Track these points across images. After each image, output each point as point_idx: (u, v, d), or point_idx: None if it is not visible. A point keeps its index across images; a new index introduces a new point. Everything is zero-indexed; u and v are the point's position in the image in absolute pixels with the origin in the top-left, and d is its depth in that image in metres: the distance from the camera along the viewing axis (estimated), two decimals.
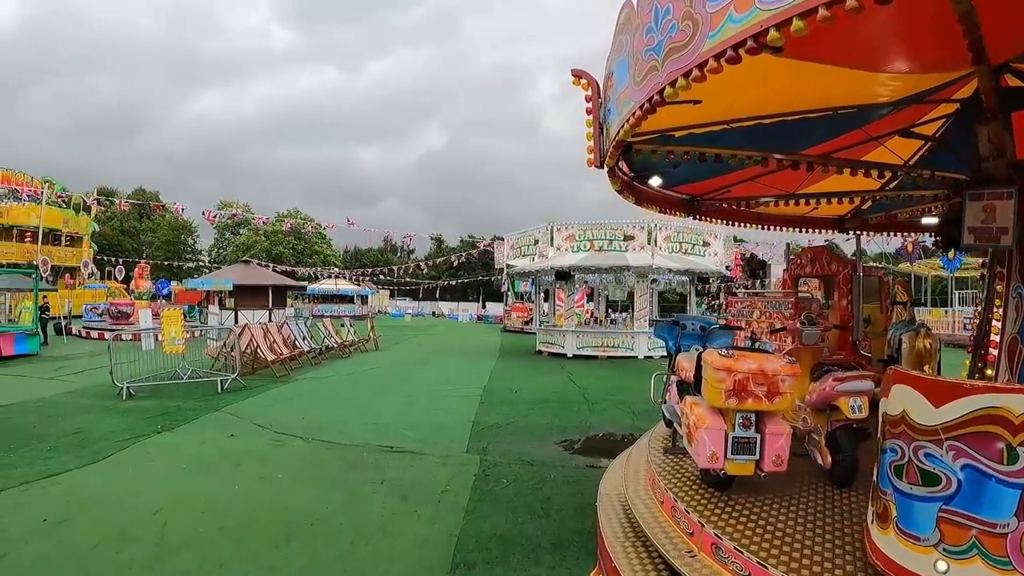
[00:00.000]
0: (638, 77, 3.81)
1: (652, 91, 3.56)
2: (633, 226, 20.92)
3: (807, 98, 5.09)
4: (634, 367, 18.75)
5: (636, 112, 3.87)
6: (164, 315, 13.03)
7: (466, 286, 71.67)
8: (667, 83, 3.34)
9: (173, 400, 12.08)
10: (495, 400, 12.44)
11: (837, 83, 4.68)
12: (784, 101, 5.14)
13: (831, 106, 5.26)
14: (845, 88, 4.85)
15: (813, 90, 4.86)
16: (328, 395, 12.89)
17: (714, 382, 4.46)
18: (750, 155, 6.06)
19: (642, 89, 3.73)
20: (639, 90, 3.80)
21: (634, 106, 3.91)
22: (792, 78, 4.43)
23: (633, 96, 3.95)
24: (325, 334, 20.74)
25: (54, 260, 40.54)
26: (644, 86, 3.69)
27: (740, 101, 4.98)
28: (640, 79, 3.76)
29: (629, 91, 4.06)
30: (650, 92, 3.59)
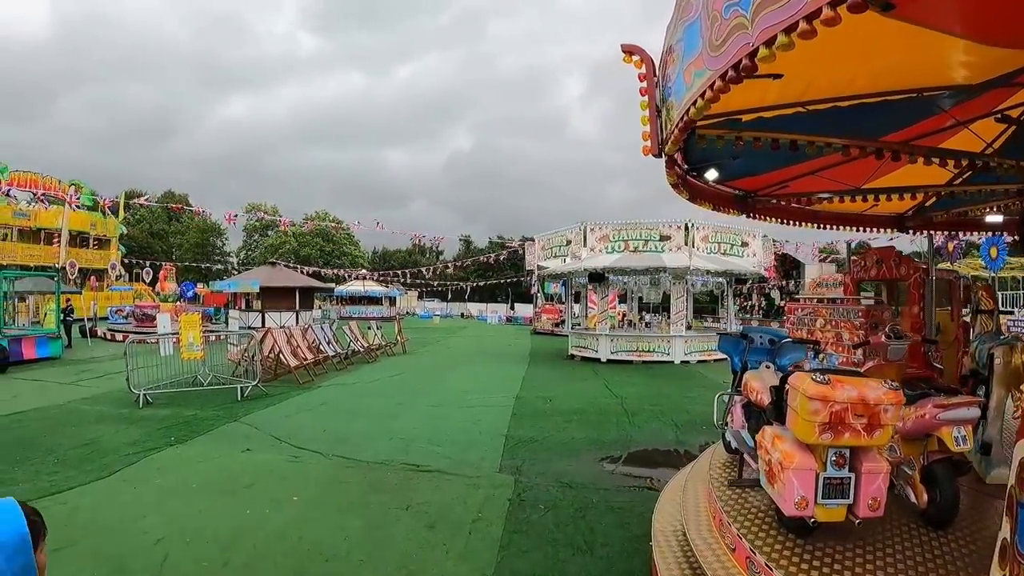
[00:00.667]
0: (716, 40, 3.07)
1: (738, 56, 2.83)
2: (670, 225, 20.08)
3: (898, 76, 4.37)
4: (671, 373, 17.94)
5: (715, 83, 3.15)
6: (182, 320, 12.48)
7: (494, 287, 71.05)
8: (761, 42, 2.60)
9: (190, 408, 11.55)
10: (528, 411, 11.72)
11: (938, 57, 3.97)
12: (871, 79, 4.43)
13: (920, 86, 4.54)
14: (944, 63, 4.14)
15: (910, 65, 4.14)
16: (352, 404, 12.24)
17: (807, 414, 3.71)
18: (829, 142, 5.34)
19: (722, 55, 3.01)
20: (717, 56, 3.08)
21: (711, 77, 3.19)
22: (892, 49, 3.76)
23: (709, 65, 3.23)
24: (351, 337, 20.17)
25: (81, 263, 40.61)
26: (725, 51, 2.96)
27: (822, 79, 4.30)
28: (719, 42, 3.04)
29: (702, 59, 3.34)
30: (735, 57, 2.87)
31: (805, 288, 45.13)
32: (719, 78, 3.07)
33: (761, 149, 5.31)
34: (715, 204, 7.32)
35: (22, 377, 15.89)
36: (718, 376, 16.98)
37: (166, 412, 11.28)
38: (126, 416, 10.99)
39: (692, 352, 20.71)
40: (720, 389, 14.76)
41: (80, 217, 42.11)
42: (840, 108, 4.68)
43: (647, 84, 4.98)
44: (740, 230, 21.72)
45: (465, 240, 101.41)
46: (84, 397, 12.96)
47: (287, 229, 79.77)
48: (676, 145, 4.41)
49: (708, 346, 21.23)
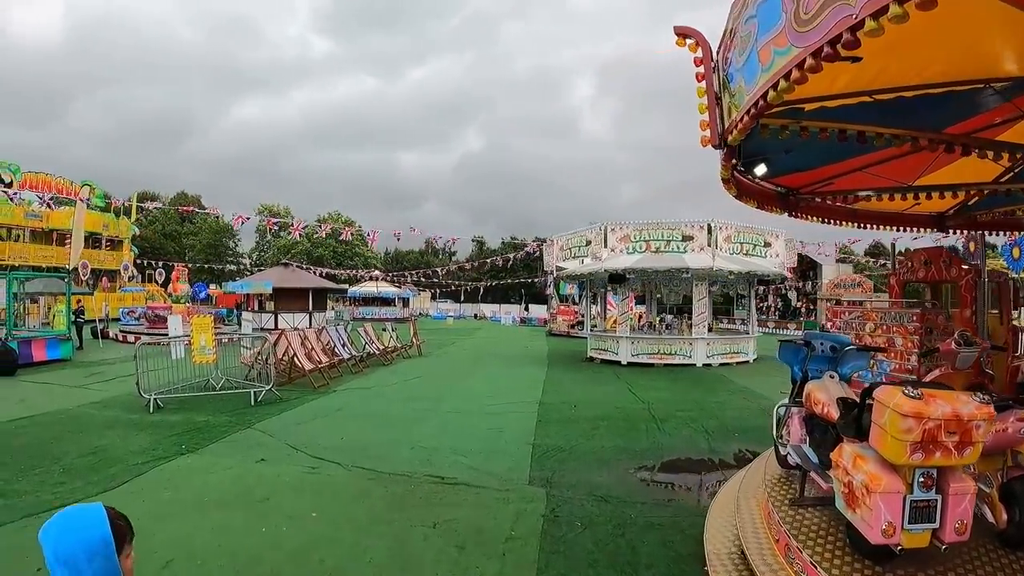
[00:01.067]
0: (805, 14, 2.67)
1: (836, 30, 2.44)
2: (692, 225, 19.55)
3: (970, 63, 4.01)
4: (695, 376, 17.43)
5: (804, 61, 2.72)
6: (194, 322, 12.09)
7: (508, 288, 70.70)
8: (869, 13, 2.19)
9: (202, 414, 11.15)
10: (553, 417, 11.24)
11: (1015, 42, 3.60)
12: (944, 66, 4.04)
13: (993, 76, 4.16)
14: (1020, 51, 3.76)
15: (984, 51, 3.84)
16: (370, 410, 11.80)
17: (898, 432, 3.29)
18: (898, 133, 4.91)
19: (814, 30, 2.61)
20: (806, 32, 2.67)
21: (798, 55, 2.77)
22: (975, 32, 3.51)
23: (795, 41, 2.81)
24: (366, 340, 19.76)
25: (94, 264, 40.51)
26: (819, 25, 2.56)
27: (896, 66, 3.98)
28: (809, 16, 2.64)
29: (785, 36, 2.92)
30: (831, 32, 2.47)
31: (823, 289, 44.67)
32: (810, 56, 2.66)
33: (826, 140, 4.92)
34: (760, 202, 6.91)
35: (31, 380, 15.58)
36: (743, 380, 16.53)
37: (177, 418, 10.90)
38: (136, 422, 10.61)
39: (714, 355, 20.20)
40: (746, 394, 14.46)
41: (92, 218, 41.99)
42: (904, 98, 4.32)
43: (704, 69, 4.56)
44: (763, 230, 21.17)
45: (478, 241, 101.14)
46: (93, 401, 12.61)
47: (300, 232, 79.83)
48: (743, 134, 3.98)
49: (731, 348, 20.75)
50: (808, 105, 4.43)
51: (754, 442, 9.51)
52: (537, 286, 66.73)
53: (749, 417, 11.50)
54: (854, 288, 41.06)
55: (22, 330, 21.20)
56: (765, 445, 9.12)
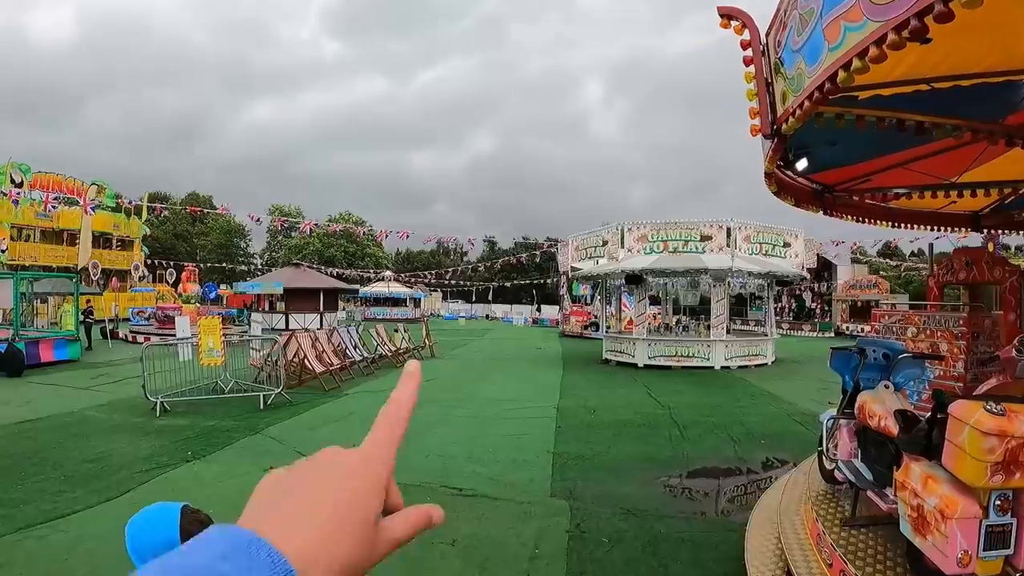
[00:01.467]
0: None
1: None
2: (711, 225, 19.12)
3: None
4: (714, 380, 17.01)
5: (887, 37, 2.35)
6: (201, 324, 11.76)
7: (519, 288, 70.35)
8: None
9: (210, 418, 10.84)
10: (573, 422, 10.85)
11: None
12: (1006, 54, 3.68)
13: None
14: None
15: None
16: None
17: (979, 452, 2.90)
18: (958, 124, 4.54)
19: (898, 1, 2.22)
20: (891, 3, 2.29)
21: (877, 31, 2.39)
22: None
23: (871, 14, 2.44)
24: (378, 341, 19.42)
25: (104, 264, 40.42)
26: None
27: (961, 50, 3.59)
28: None
29: (859, 9, 2.54)
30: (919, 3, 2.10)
31: (838, 290, 44.03)
32: (892, 31, 2.28)
33: (878, 132, 4.56)
34: (797, 199, 6.57)
35: (37, 381, 15.36)
36: (764, 383, 16.11)
37: (184, 422, 10.60)
38: (141, 426, 10.31)
39: (733, 357, 19.76)
40: (769, 398, 14.06)
41: (103, 218, 41.95)
42: (960, 87, 3.97)
43: (752, 53, 4.18)
44: (782, 230, 20.71)
45: (489, 241, 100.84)
46: (99, 404, 12.32)
47: (310, 230, 79.77)
48: (801, 121, 3.59)
49: (749, 351, 20.30)
50: (863, 93, 4.06)
51: (783, 450, 9.13)
52: (549, 287, 66.35)
53: (775, 423, 11.09)
54: (870, 289, 40.49)
55: (31, 331, 21.04)
56: (795, 453, 8.77)
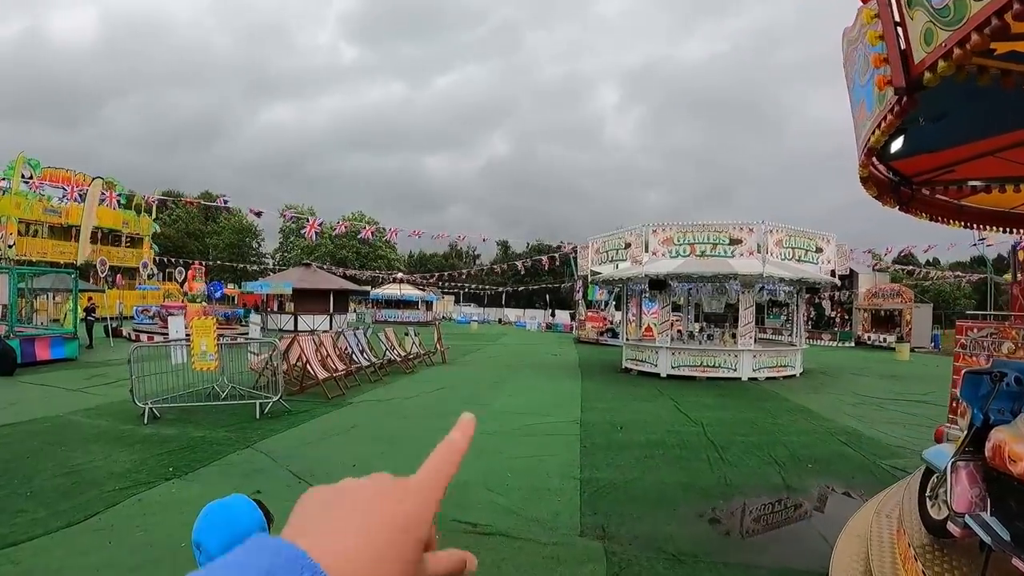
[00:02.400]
0: None
1: None
2: (741, 228, 18.05)
3: None
4: (744, 392, 15.94)
5: None
6: (194, 325, 10.80)
7: (532, 293, 69.42)
8: None
9: (200, 428, 9.92)
10: (599, 441, 9.79)
11: None
12: None
13: None
14: None
15: None
16: (388, 428, 10.43)
17: None
18: None
19: None
20: None
21: None
22: None
23: None
24: (387, 345, 18.45)
25: (113, 261, 39.85)
26: None
27: None
28: None
29: None
30: None
31: (860, 298, 42.73)
32: None
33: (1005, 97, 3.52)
34: (879, 191, 5.55)
35: (28, 381, 14.58)
36: (796, 397, 15.12)
37: (172, 431, 9.69)
38: (126, 435, 9.41)
39: (761, 368, 18.68)
40: (805, 414, 13.00)
41: (112, 215, 41.36)
42: None
43: None
44: (815, 234, 19.59)
45: (503, 244, 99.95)
46: (87, 408, 11.51)
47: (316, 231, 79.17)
48: (957, 66, 2.56)
49: (779, 361, 19.22)
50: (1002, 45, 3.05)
51: (834, 476, 8.12)
52: (562, 291, 65.39)
53: (818, 444, 10.05)
54: (894, 298, 39.28)
55: (30, 328, 20.33)
56: (849, 481, 7.80)
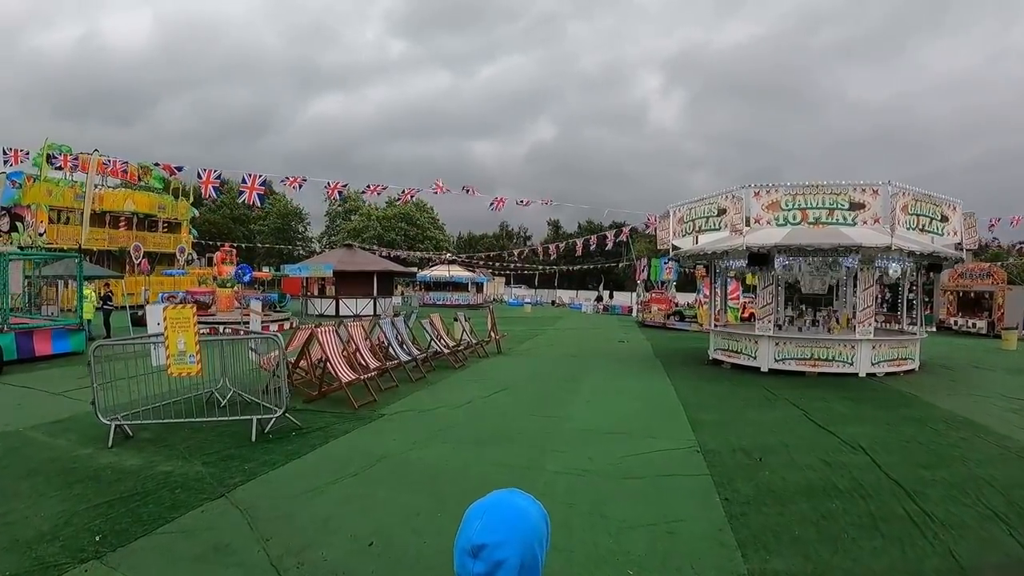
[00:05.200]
0: None
1: None
2: (864, 189, 14.54)
3: None
4: (871, 394, 12.75)
5: None
6: (167, 316, 7.91)
7: (584, 273, 66.22)
8: None
9: (173, 456, 7.25)
10: (742, 487, 6.66)
11: None
12: None
13: None
14: None
15: None
16: (429, 459, 7.47)
17: None
18: None
19: None
20: None
21: None
22: None
23: None
24: (432, 335, 15.56)
25: (148, 247, 38.19)
26: None
27: None
28: None
29: None
30: None
31: (943, 278, 38.51)
32: None
33: None
34: None
35: (12, 382, 12.34)
36: (938, 400, 12.02)
37: (134, 462, 7.07)
38: (77, 465, 6.97)
39: (879, 361, 15.33)
40: (967, 426, 9.19)
41: (147, 199, 39.76)
42: None
43: None
44: (940, 199, 16.01)
45: (554, 224, 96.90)
46: (56, 420, 9.10)
47: (369, 211, 77.88)
48: None
49: (899, 354, 15.82)
50: None
51: None
52: (617, 271, 62.20)
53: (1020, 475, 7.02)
54: (984, 279, 35.18)
55: (38, 318, 18.13)
56: None
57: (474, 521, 1.54)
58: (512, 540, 1.49)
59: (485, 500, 1.60)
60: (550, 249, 40.63)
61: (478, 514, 1.56)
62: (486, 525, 1.52)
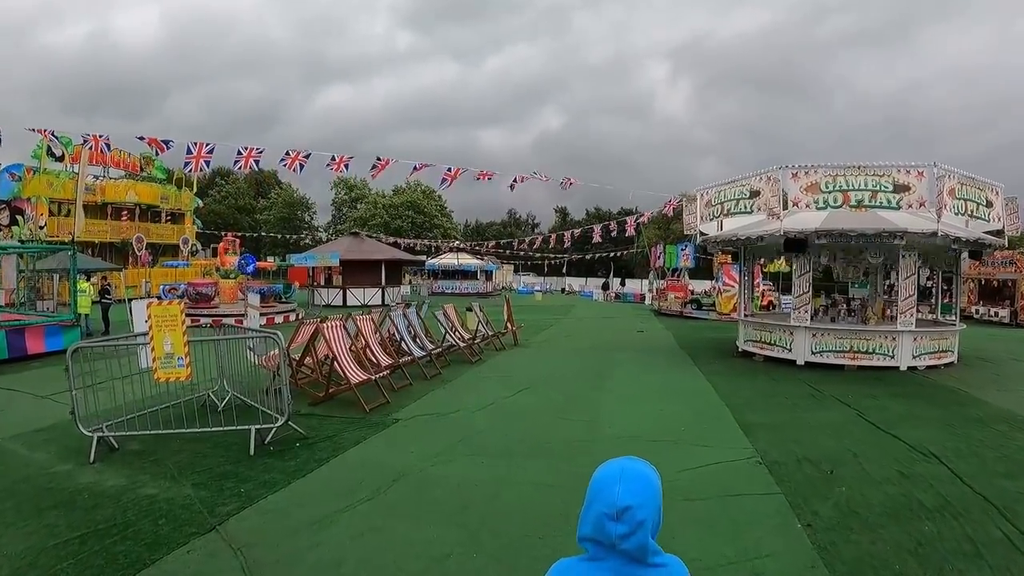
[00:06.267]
0: None
1: None
2: (909, 171, 13.46)
3: None
4: (915, 388, 11.88)
5: None
6: (152, 314, 6.93)
7: (593, 261, 65.27)
8: None
9: (161, 474, 6.38)
10: (821, 508, 5.70)
11: None
12: None
13: None
14: None
15: None
16: (454, 476, 6.50)
17: None
18: None
19: None
20: None
21: None
22: None
23: None
24: (447, 327, 14.64)
25: (151, 238, 37.46)
26: None
27: None
28: None
29: None
30: None
31: (965, 266, 37.35)
32: None
33: None
34: None
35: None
36: (988, 397, 11.09)
37: (117, 481, 6.19)
38: (53, 486, 6.12)
39: (921, 354, 14.35)
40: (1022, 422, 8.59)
41: (150, 190, 38.98)
42: None
43: None
44: (985, 183, 14.88)
45: (561, 211, 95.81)
46: (39, 427, 8.29)
47: (375, 199, 77.47)
48: None
49: (940, 346, 14.84)
50: None
51: None
52: (625, 258, 61.33)
53: None
54: (1007, 267, 34.08)
55: (32, 314, 17.32)
56: None
57: (613, 486, 1.60)
58: (648, 502, 1.60)
59: (613, 467, 1.67)
60: (564, 236, 39.60)
61: (614, 479, 1.62)
62: (627, 489, 1.59)
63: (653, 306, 36.19)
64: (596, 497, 1.62)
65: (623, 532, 1.55)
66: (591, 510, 1.62)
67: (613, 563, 1.60)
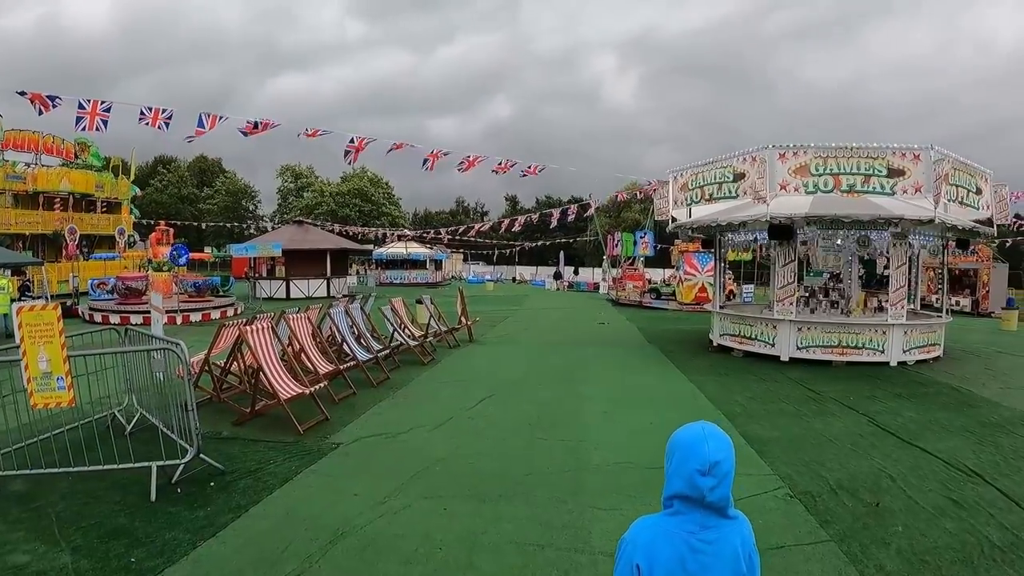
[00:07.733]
0: None
1: None
2: (904, 154, 12.38)
3: None
4: (912, 387, 10.99)
5: None
6: (23, 322, 5.20)
7: (544, 249, 64.19)
8: None
9: (37, 531, 4.83)
10: (874, 552, 4.52)
11: None
12: None
13: None
14: None
15: None
16: (408, 538, 4.81)
17: None
18: None
19: None
20: None
21: None
22: None
23: None
24: (395, 324, 13.10)
25: (84, 228, 34.65)
26: None
27: None
28: None
29: None
30: None
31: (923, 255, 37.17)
32: None
33: None
34: None
35: None
36: (991, 395, 10.36)
37: None
38: None
39: (911, 348, 13.37)
40: None
41: (85, 178, 36.04)
42: None
43: None
44: (976, 169, 13.88)
45: (511, 200, 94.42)
46: None
47: (322, 187, 75.74)
48: None
49: (929, 339, 13.89)
50: None
51: None
52: (576, 246, 60.44)
53: None
54: (968, 256, 33.97)
55: None
56: None
57: (702, 444, 1.79)
58: (730, 456, 1.81)
59: (694, 428, 1.87)
60: (515, 223, 38.15)
61: (701, 438, 1.81)
62: (714, 447, 1.78)
63: (609, 295, 35.03)
64: (688, 456, 1.79)
65: (711, 484, 1.74)
66: (684, 467, 1.78)
67: (696, 515, 1.78)
